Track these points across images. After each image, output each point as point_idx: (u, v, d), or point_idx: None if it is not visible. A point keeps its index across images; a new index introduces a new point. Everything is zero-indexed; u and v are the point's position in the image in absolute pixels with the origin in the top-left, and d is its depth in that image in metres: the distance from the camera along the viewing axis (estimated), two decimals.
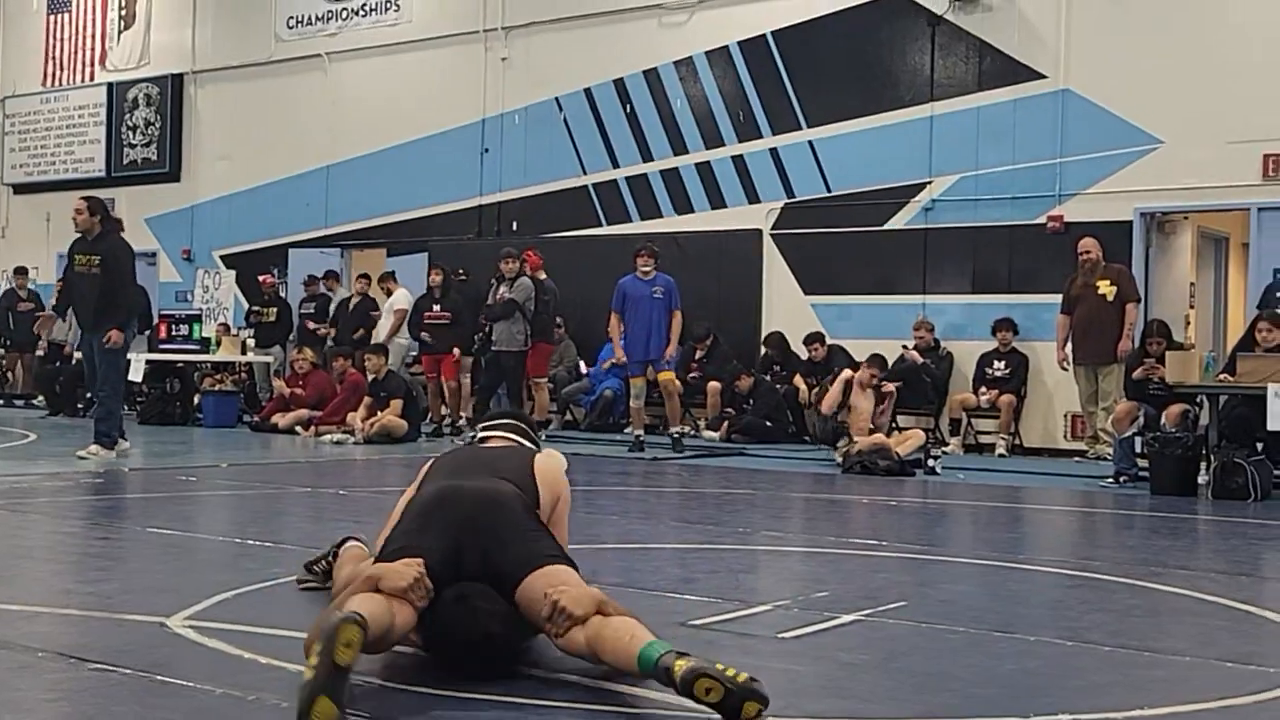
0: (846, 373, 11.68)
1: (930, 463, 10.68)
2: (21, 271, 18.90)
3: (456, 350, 14.00)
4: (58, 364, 17.45)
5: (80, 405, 16.37)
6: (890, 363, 12.84)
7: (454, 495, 3.78)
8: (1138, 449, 9.88)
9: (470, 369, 14.22)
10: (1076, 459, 11.97)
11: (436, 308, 14.18)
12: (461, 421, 13.80)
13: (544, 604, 3.46)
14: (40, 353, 18.36)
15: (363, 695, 3.30)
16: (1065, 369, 12.09)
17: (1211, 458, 9.18)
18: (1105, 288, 11.74)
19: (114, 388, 10.42)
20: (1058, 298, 12.25)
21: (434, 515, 3.72)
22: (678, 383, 12.70)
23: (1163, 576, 5.59)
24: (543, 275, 13.53)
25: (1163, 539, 7.31)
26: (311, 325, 16.23)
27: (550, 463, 4.14)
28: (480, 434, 4.57)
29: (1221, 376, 9.58)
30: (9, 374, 19.26)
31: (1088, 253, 11.89)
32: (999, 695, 3.54)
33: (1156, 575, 5.63)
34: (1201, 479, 9.21)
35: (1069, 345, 11.99)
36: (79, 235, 10.56)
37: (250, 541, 6.18)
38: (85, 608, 4.45)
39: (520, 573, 3.59)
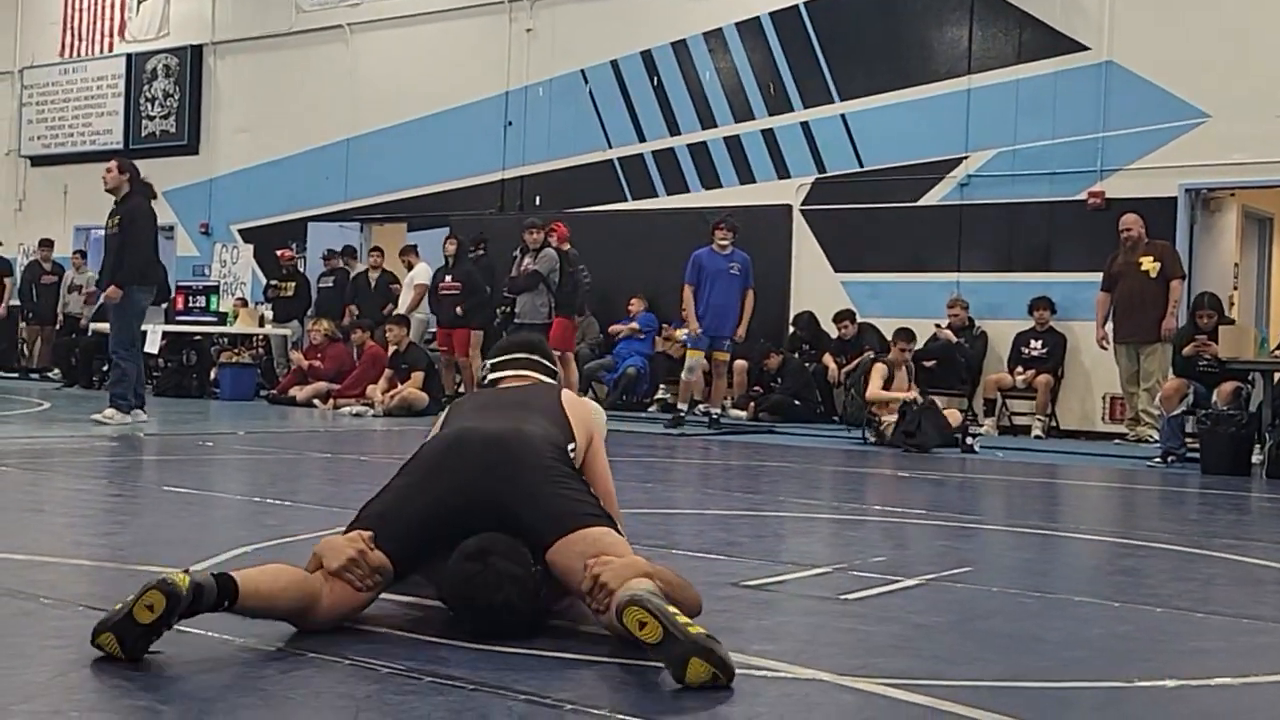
0: (880, 365, 11.26)
1: (969, 440, 10.35)
2: (46, 244, 18.66)
3: (473, 333, 13.67)
4: (74, 336, 17.22)
5: (96, 377, 16.15)
6: (923, 342, 12.55)
7: (468, 443, 3.32)
8: (1187, 428, 9.53)
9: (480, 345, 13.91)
10: (1116, 441, 11.62)
11: (448, 278, 13.91)
12: None
13: (583, 576, 3.05)
14: (58, 325, 18.16)
15: (373, 643, 3.02)
16: (1105, 348, 11.73)
17: (1266, 436, 8.83)
18: (1148, 264, 11.38)
19: (126, 349, 10.18)
20: (1098, 276, 11.86)
21: (440, 468, 3.28)
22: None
23: (1237, 548, 5.27)
24: (568, 247, 13.20)
25: (1226, 514, 6.97)
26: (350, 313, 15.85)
27: (579, 399, 3.79)
28: (492, 374, 3.98)
29: (1277, 352, 9.22)
30: (29, 347, 19.05)
31: (1129, 229, 11.53)
32: (1093, 658, 3.23)
33: (1230, 547, 5.30)
34: (1255, 458, 8.87)
35: (1109, 324, 11.63)
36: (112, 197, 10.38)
37: (269, 500, 5.90)
38: (96, 559, 4.17)
39: (553, 535, 3.15)
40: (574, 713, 2.54)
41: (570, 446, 3.50)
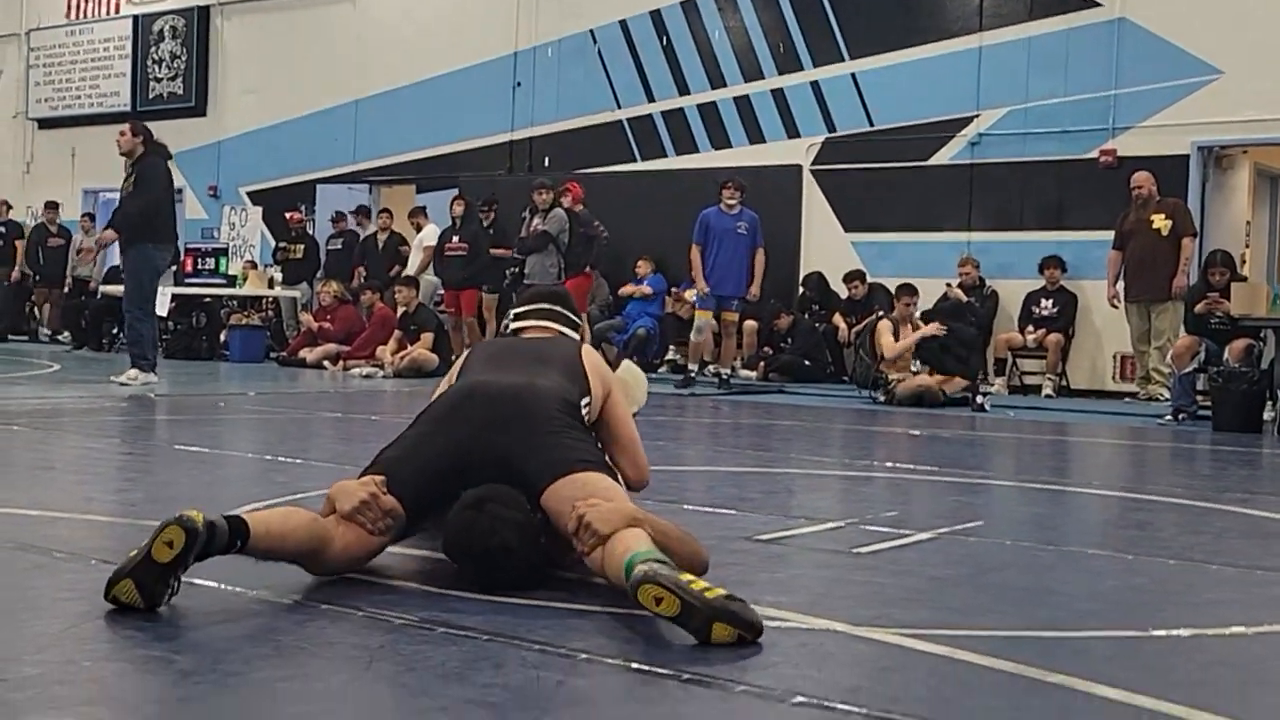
0: (885, 322, 11.22)
1: (979, 399, 10.33)
2: (52, 206, 18.63)
3: (485, 295, 13.64)
4: (83, 299, 17.23)
5: (106, 340, 16.18)
6: (934, 301, 12.51)
7: (481, 396, 3.34)
8: (1199, 386, 9.49)
9: (496, 309, 13.88)
10: (1127, 400, 11.59)
11: (455, 239, 13.87)
12: None
13: (570, 517, 3.06)
14: (66, 288, 18.17)
15: (386, 595, 3.02)
16: (1116, 307, 11.68)
17: (1278, 394, 8.79)
18: (1160, 222, 11.31)
19: (141, 308, 10.21)
20: (1109, 234, 11.82)
21: (452, 419, 3.30)
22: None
23: (1248, 502, 5.26)
24: (580, 208, 13.15)
25: (1237, 469, 6.95)
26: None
27: (596, 355, 3.78)
28: (515, 324, 4.01)
29: None
30: (38, 310, 19.06)
31: (1140, 187, 11.45)
32: (1108, 610, 3.22)
33: (1241, 501, 5.29)
34: (1267, 415, 8.84)
35: (1120, 283, 11.57)
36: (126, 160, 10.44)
37: (280, 459, 5.90)
38: (109, 514, 4.17)
39: (544, 480, 3.16)
40: (587, 662, 2.54)
41: (584, 401, 3.50)
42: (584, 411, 3.49)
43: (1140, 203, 11.42)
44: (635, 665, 2.52)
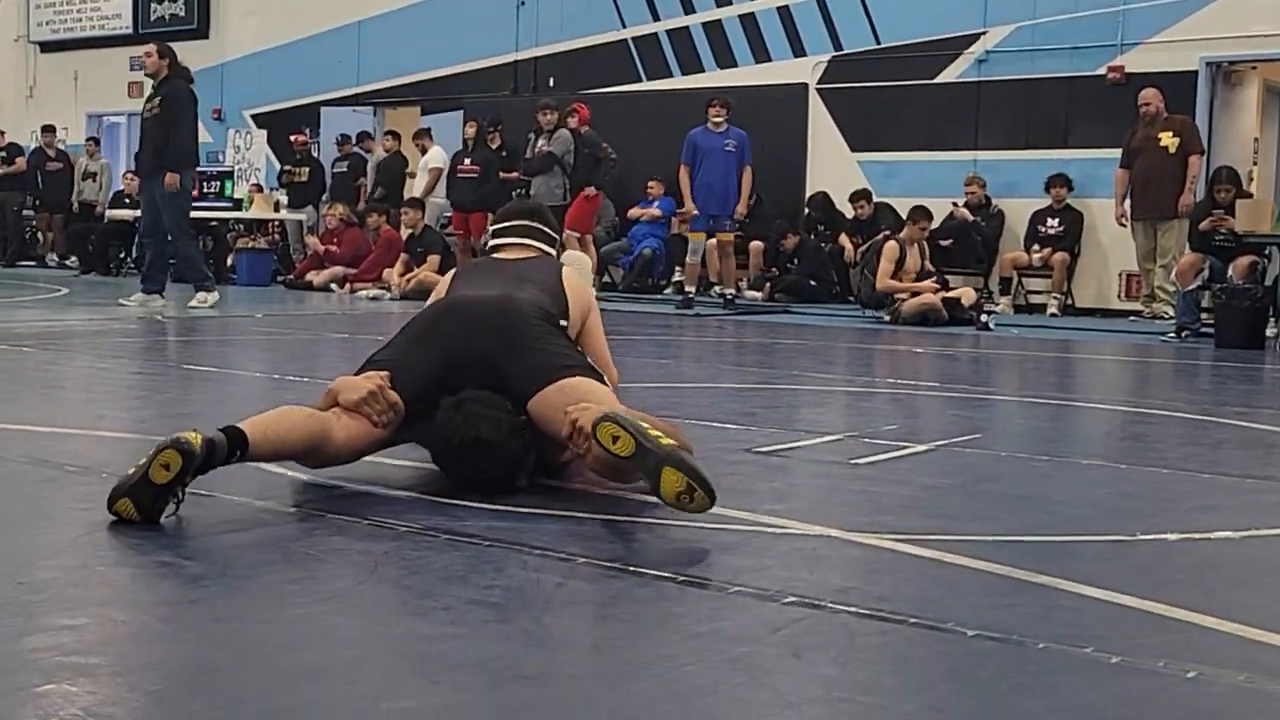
0: (891, 245, 11.21)
1: (984, 318, 10.36)
2: (49, 130, 18.57)
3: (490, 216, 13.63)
4: (90, 223, 17.23)
5: (113, 264, 16.22)
6: (940, 220, 12.51)
7: (462, 307, 3.45)
8: (1203, 303, 9.51)
9: None
10: (1132, 318, 11.60)
11: (467, 161, 13.83)
12: None
13: (563, 423, 3.12)
14: (73, 213, 18.15)
15: (390, 505, 3.09)
16: (1124, 225, 11.65)
17: None
18: (1167, 139, 11.25)
19: (184, 232, 10.41)
20: (1116, 152, 11.74)
21: (437, 328, 3.41)
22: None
23: (1246, 415, 5.31)
24: (587, 129, 13.09)
25: (1237, 384, 7.00)
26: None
27: (576, 275, 3.82)
28: (494, 241, 4.04)
29: None
30: (40, 235, 19.07)
31: (1148, 104, 11.38)
32: (1098, 515, 3.29)
33: (1239, 414, 5.34)
34: (1270, 332, 8.87)
35: (1128, 201, 11.53)
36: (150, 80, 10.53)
37: (288, 377, 5.96)
38: (119, 430, 4.24)
39: (531, 386, 3.25)
40: (585, 565, 2.60)
41: (563, 322, 3.56)
42: (564, 326, 3.55)
43: (1147, 120, 11.36)
44: (632, 568, 2.59)
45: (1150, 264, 11.47)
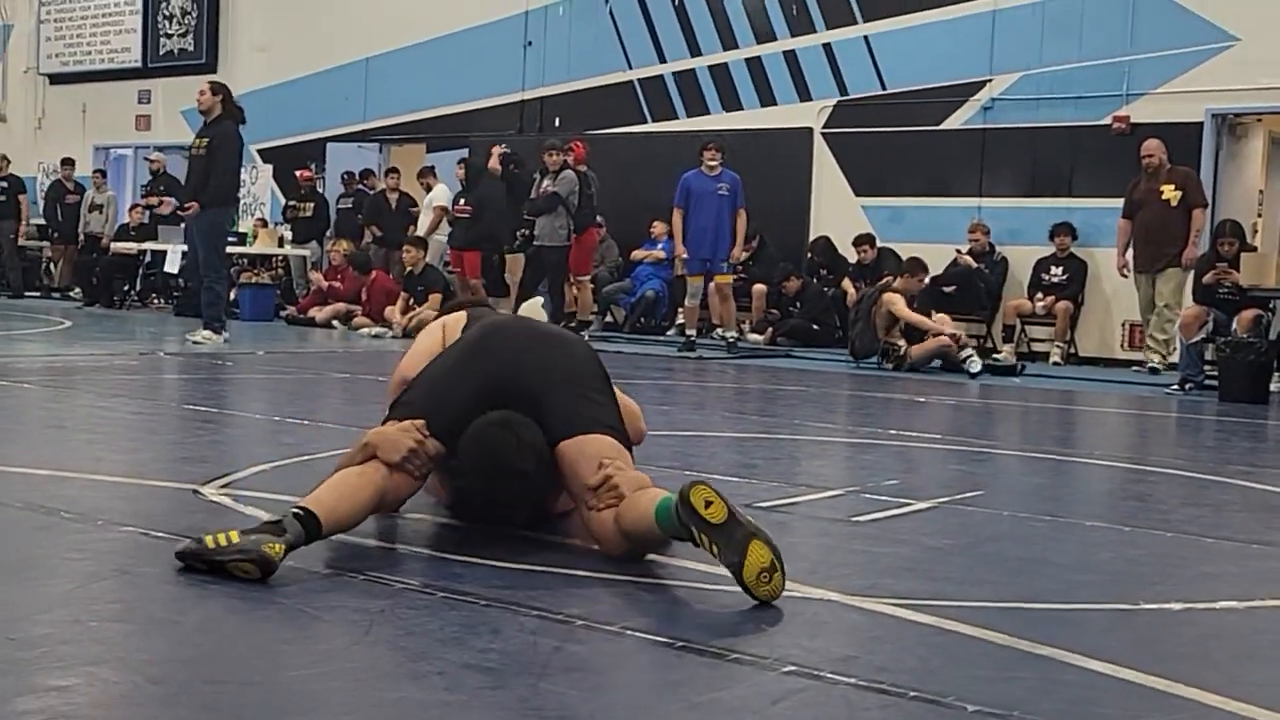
0: (892, 295, 11.06)
1: (967, 363, 10.39)
2: (68, 163, 18.63)
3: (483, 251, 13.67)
4: (94, 255, 17.26)
5: (116, 297, 16.23)
6: (944, 267, 12.53)
7: (507, 328, 3.38)
8: (1206, 355, 9.49)
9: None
10: (1135, 369, 11.58)
11: (462, 200, 13.89)
12: None
13: (593, 472, 3.08)
14: (79, 245, 18.19)
15: (387, 559, 3.06)
16: (1126, 276, 11.64)
17: None
18: (1169, 192, 11.24)
19: (216, 270, 10.55)
20: (1120, 202, 11.73)
21: (478, 357, 3.29)
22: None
23: (1250, 475, 5.28)
24: (584, 168, 13.14)
25: (1242, 441, 6.97)
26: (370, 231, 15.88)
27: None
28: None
29: None
30: (52, 265, 19.11)
31: (1150, 155, 11.38)
32: (1102, 582, 3.26)
33: (1243, 474, 5.31)
34: (1273, 386, 8.85)
35: (1130, 251, 11.53)
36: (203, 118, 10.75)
37: (288, 420, 5.94)
38: (117, 474, 4.21)
39: (569, 429, 3.17)
40: (584, 628, 2.58)
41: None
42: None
43: (1150, 172, 11.36)
44: (630, 631, 2.56)
45: (1150, 314, 11.45)
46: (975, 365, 10.42)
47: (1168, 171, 11.30)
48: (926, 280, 11.33)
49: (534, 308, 4.40)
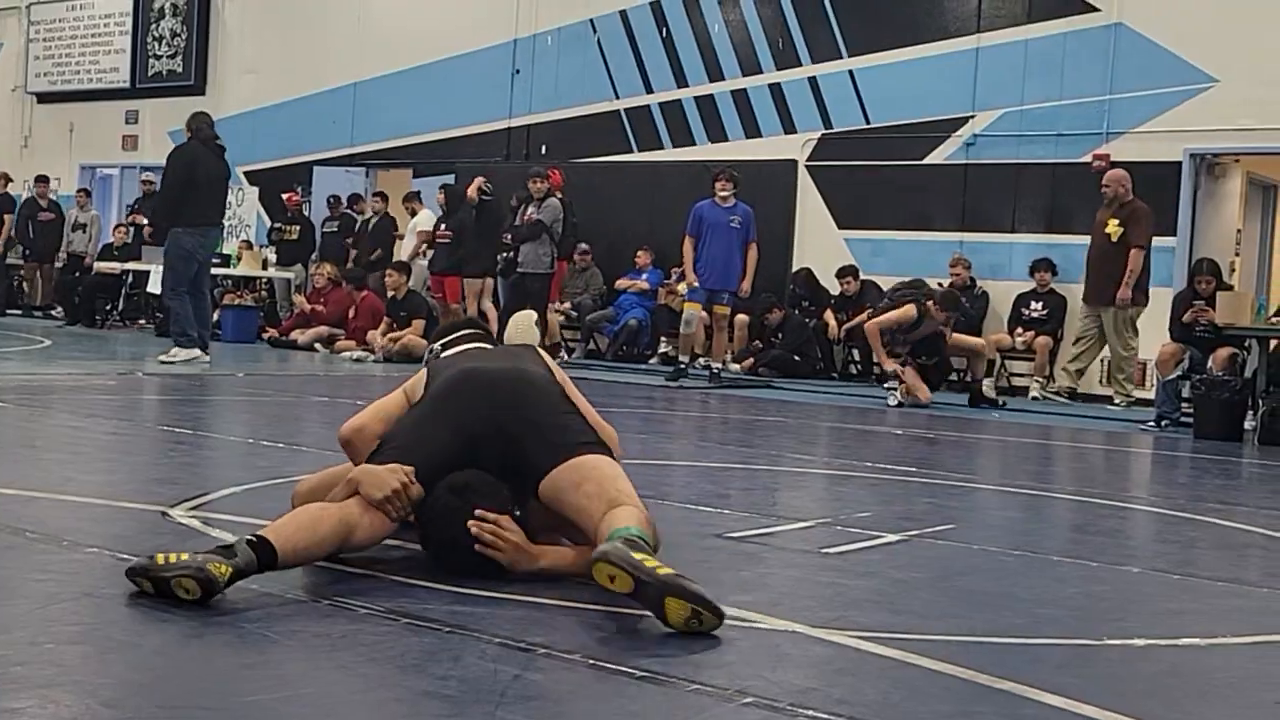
0: (910, 310, 10.73)
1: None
2: (43, 180, 18.61)
3: (485, 281, 13.71)
4: (77, 274, 17.23)
5: (99, 316, 16.20)
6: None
7: (479, 379, 3.40)
8: (1183, 393, 9.54)
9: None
10: (1110, 405, 11.62)
11: (443, 226, 13.94)
12: None
13: (586, 512, 3.13)
14: (60, 264, 18.15)
15: (351, 584, 3.05)
16: None
17: (1259, 402, 8.84)
18: (1112, 226, 11.28)
19: (173, 290, 10.58)
20: None
21: (451, 402, 3.33)
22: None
23: (1221, 512, 5.30)
24: (559, 195, 13.20)
25: (1214, 478, 7.00)
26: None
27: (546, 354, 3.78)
28: (446, 352, 3.82)
29: (1273, 319, 9.23)
30: (27, 284, 19.05)
31: (1107, 186, 11.45)
32: (1066, 616, 3.27)
33: (1214, 511, 5.33)
34: (1248, 424, 8.89)
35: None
36: None
37: (264, 442, 5.93)
38: (86, 494, 4.20)
39: (548, 463, 3.23)
40: (545, 656, 2.58)
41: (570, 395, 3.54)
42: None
43: (1106, 202, 11.44)
44: (591, 661, 2.56)
45: (1081, 346, 11.53)
46: (892, 399, 10.45)
47: (1121, 205, 11.34)
48: (951, 322, 11.01)
49: (527, 322, 4.38)
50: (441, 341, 3.90)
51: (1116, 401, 11.25)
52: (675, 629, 2.77)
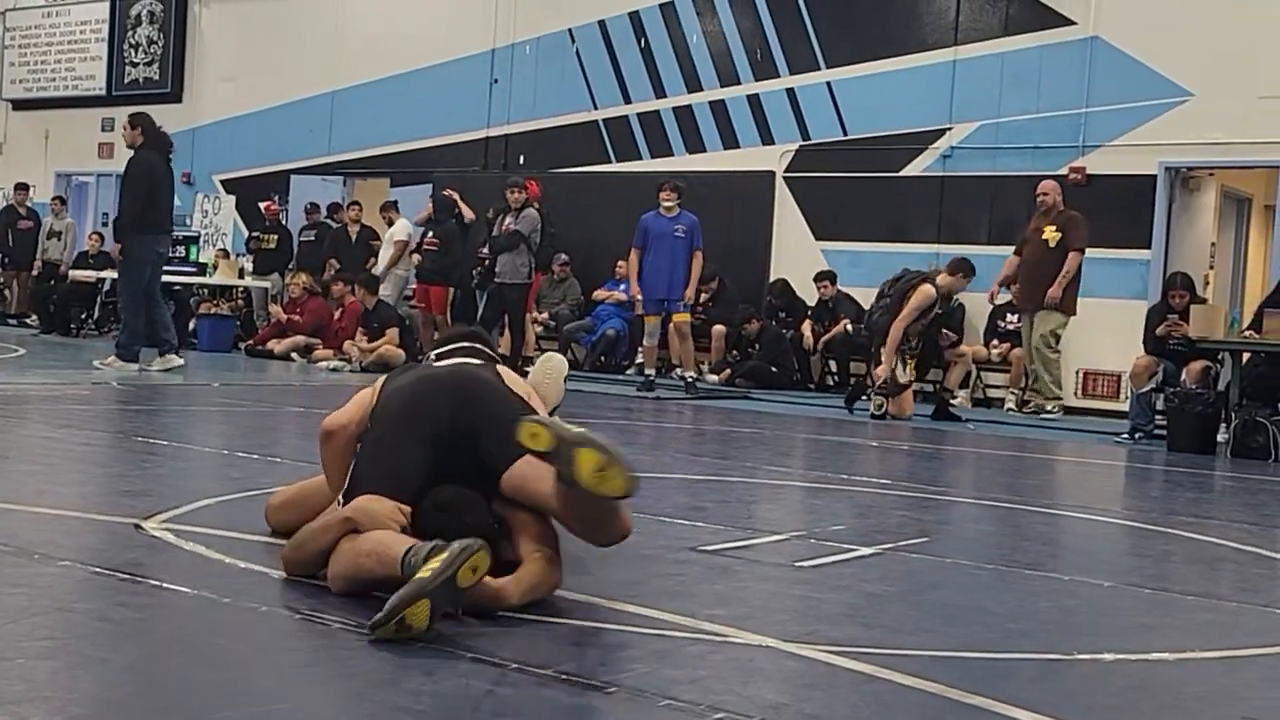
0: (928, 289, 10.62)
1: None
2: (22, 188, 18.51)
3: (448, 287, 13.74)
4: (52, 282, 17.14)
5: (74, 325, 16.12)
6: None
7: (428, 388, 3.39)
8: (1157, 405, 9.61)
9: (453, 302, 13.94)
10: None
11: (429, 235, 13.93)
12: None
13: (540, 495, 3.18)
14: (36, 272, 18.06)
15: (324, 598, 3.05)
16: (992, 305, 12.18)
17: (1232, 416, 8.90)
18: (1050, 233, 11.35)
19: (130, 299, 10.51)
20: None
21: (412, 415, 3.31)
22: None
23: (1193, 526, 5.33)
24: (536, 206, 13.20)
25: (1187, 491, 7.05)
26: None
27: (512, 371, 3.70)
28: (438, 359, 3.85)
29: (1246, 333, 9.30)
30: (4, 292, 18.94)
31: (1045, 194, 11.54)
32: (1037, 630, 3.29)
33: (1186, 524, 5.37)
34: (1220, 437, 8.95)
35: (1013, 287, 11.74)
36: None
37: (239, 454, 5.91)
38: (59, 507, 4.18)
39: (505, 461, 3.23)
40: (517, 671, 2.58)
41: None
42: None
43: (1041, 211, 11.53)
44: (564, 676, 2.56)
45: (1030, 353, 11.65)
46: (874, 406, 10.50)
47: (1057, 214, 11.44)
48: (967, 283, 11.13)
49: (556, 373, 4.33)
50: (436, 352, 3.90)
51: (1050, 410, 11.27)
52: (586, 484, 2.93)
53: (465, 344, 3.89)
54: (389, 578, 2.88)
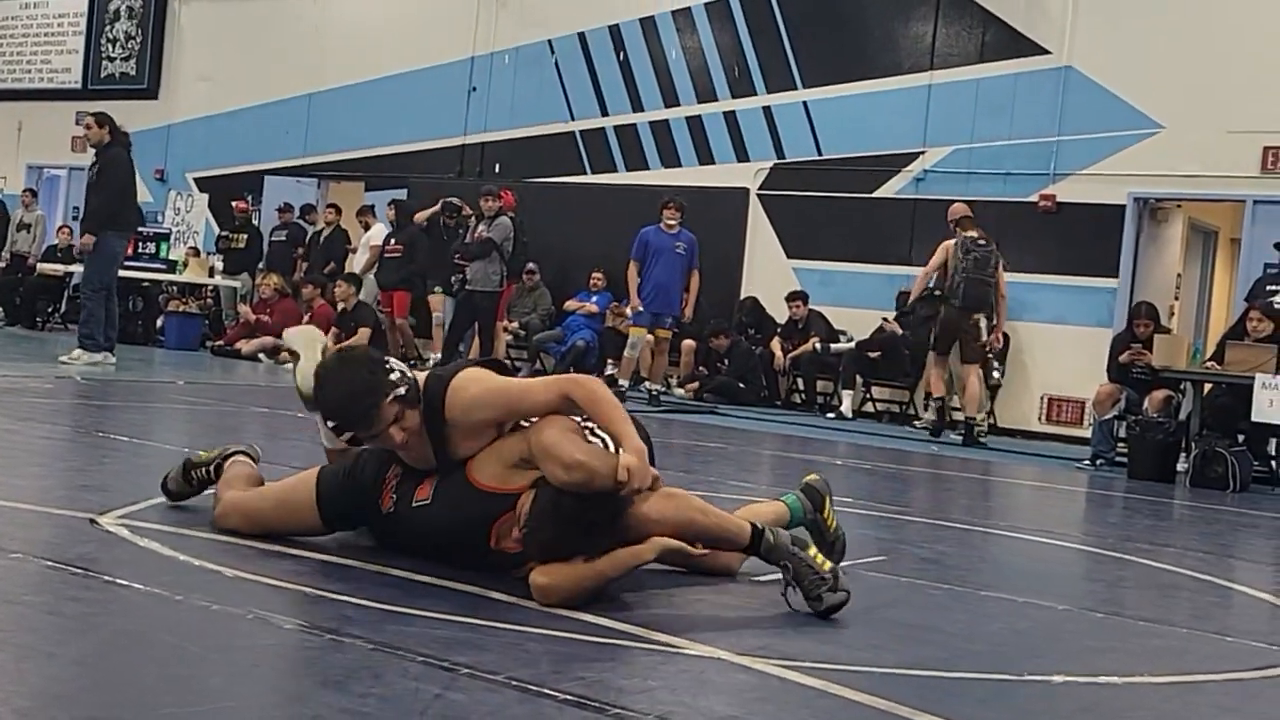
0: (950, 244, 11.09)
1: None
2: None
3: (435, 290, 13.72)
4: (19, 275, 17.01)
5: (40, 318, 16.01)
6: (869, 333, 12.75)
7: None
8: (1119, 432, 9.69)
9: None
10: (1055, 442, 11.77)
11: (393, 240, 13.94)
12: (431, 359, 13.46)
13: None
14: (3, 264, 17.91)
15: (279, 598, 3.04)
16: None
17: (1192, 445, 8.98)
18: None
19: (94, 290, 10.52)
20: (1045, 278, 12.15)
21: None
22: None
23: (1149, 553, 5.38)
24: (510, 215, 13.23)
25: (1144, 519, 7.10)
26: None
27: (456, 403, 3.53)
28: None
29: (1209, 364, 9.39)
30: None
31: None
32: (988, 652, 3.31)
33: (1142, 551, 5.41)
34: (1180, 466, 9.03)
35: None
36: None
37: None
38: (13, 499, 4.15)
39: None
40: (469, 676, 2.58)
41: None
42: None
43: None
44: (515, 682, 2.56)
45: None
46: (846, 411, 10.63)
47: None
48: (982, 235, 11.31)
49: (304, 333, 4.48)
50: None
51: (980, 419, 11.30)
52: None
53: None
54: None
